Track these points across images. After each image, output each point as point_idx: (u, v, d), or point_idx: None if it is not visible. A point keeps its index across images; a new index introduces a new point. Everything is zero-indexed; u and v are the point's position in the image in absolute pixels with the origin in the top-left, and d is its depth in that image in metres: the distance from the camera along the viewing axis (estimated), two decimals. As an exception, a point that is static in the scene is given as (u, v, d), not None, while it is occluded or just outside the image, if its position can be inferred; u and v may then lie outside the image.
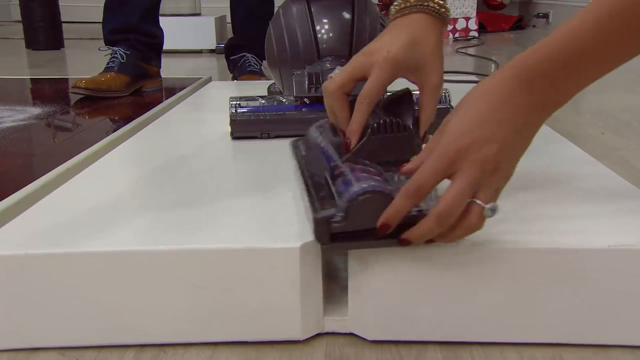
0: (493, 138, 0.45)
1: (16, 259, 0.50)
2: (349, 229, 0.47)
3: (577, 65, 0.45)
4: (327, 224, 0.47)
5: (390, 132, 0.54)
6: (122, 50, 1.52)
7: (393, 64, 0.56)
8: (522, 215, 0.55)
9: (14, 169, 0.93)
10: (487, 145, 0.45)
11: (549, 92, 0.46)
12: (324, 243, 0.48)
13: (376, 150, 0.54)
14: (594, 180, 0.66)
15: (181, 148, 0.82)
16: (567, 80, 0.46)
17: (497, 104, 0.46)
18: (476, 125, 0.46)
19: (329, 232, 0.47)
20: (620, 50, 0.45)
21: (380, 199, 0.47)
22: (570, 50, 0.45)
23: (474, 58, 2.35)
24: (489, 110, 0.46)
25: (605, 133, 1.19)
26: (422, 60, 0.57)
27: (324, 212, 0.48)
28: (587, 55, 0.45)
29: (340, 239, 0.48)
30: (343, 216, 0.47)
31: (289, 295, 0.51)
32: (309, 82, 0.85)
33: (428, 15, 0.58)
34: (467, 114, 0.47)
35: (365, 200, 0.47)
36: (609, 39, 0.45)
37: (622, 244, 0.49)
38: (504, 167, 0.47)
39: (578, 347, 0.51)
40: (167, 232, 0.54)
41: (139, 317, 0.51)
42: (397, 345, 0.52)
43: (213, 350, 0.52)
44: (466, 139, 0.45)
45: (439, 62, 0.58)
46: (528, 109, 0.46)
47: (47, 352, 0.52)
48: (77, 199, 0.63)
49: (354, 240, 0.48)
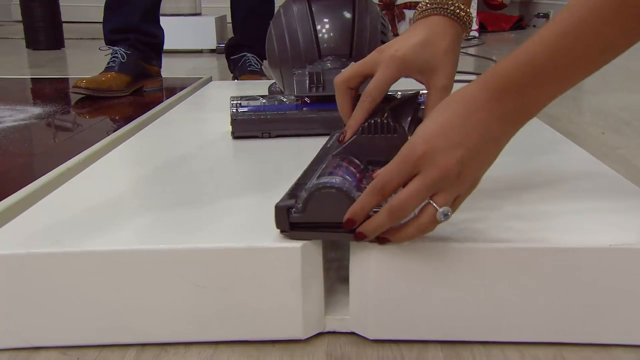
0: (461, 144, 0.45)
1: (17, 258, 0.50)
2: (306, 220, 0.49)
3: (542, 76, 0.45)
4: (287, 213, 0.49)
5: (381, 132, 0.54)
6: (123, 50, 1.52)
7: (399, 62, 0.56)
8: (523, 214, 0.55)
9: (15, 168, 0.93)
10: (453, 150, 0.45)
11: (518, 103, 0.46)
12: (283, 230, 0.50)
13: (365, 148, 0.55)
14: (595, 179, 0.66)
15: (182, 147, 0.82)
16: (535, 89, 0.46)
17: (467, 113, 0.46)
18: (445, 131, 0.46)
19: (288, 221, 0.50)
20: (581, 63, 0.45)
21: (338, 195, 0.48)
22: (535, 61, 0.45)
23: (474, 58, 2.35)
24: (459, 118, 0.46)
25: (606, 132, 1.19)
26: (432, 61, 0.57)
27: (285, 201, 0.50)
28: (550, 67, 0.45)
29: (301, 228, 0.50)
30: (301, 207, 0.49)
31: (290, 294, 0.51)
32: (310, 81, 0.85)
33: (447, 18, 0.58)
34: (437, 119, 0.47)
35: (323, 195, 0.48)
36: (566, 55, 0.44)
37: (623, 243, 0.49)
38: (468, 175, 0.47)
39: (580, 346, 0.51)
40: (168, 231, 0.54)
41: (140, 316, 0.51)
42: (399, 345, 0.52)
43: (214, 349, 0.52)
44: (433, 143, 0.45)
45: (450, 65, 0.58)
46: (498, 119, 0.46)
47: (48, 351, 0.52)
48: (78, 198, 0.63)
49: (314, 230, 0.50)
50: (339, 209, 0.48)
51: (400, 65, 0.56)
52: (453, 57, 0.58)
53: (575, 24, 0.43)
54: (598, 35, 0.43)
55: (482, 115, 0.46)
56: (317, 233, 0.50)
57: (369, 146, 0.55)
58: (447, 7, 0.57)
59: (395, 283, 0.50)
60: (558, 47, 0.44)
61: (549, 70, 0.44)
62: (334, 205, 0.48)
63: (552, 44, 0.44)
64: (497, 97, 0.46)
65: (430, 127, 0.47)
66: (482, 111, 0.46)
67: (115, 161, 0.79)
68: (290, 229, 0.50)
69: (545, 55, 0.44)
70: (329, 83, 0.85)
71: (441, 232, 0.51)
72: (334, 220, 0.49)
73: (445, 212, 0.46)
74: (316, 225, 0.49)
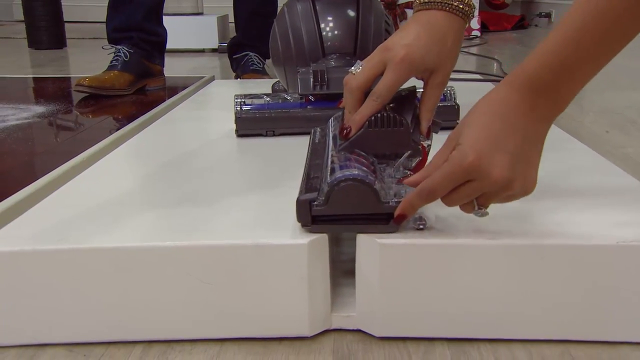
0: (506, 150, 0.47)
1: (24, 255, 0.50)
2: (328, 213, 0.50)
3: (571, 70, 0.46)
4: (308, 207, 0.50)
5: (387, 126, 0.55)
6: (126, 49, 1.52)
7: (408, 65, 0.56)
8: (530, 211, 0.55)
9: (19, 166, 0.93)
10: (501, 157, 0.46)
11: (550, 100, 0.48)
12: (305, 224, 0.51)
13: (372, 142, 0.55)
14: (601, 176, 0.66)
15: (186, 145, 0.82)
16: (564, 85, 0.47)
17: (505, 117, 0.47)
18: (490, 136, 0.47)
19: (310, 215, 0.50)
20: (605, 50, 0.46)
21: (360, 187, 0.49)
22: (562, 57, 0.46)
23: (476, 57, 2.35)
24: (499, 124, 0.47)
25: (610, 131, 1.19)
26: (437, 62, 0.57)
27: (307, 195, 0.51)
28: (576, 60, 0.46)
29: (322, 221, 0.50)
30: (324, 200, 0.49)
31: (296, 291, 0.51)
32: (314, 79, 0.85)
33: (450, 14, 0.58)
34: (478, 127, 0.48)
35: (346, 187, 0.49)
36: (589, 47, 0.45)
37: (631, 240, 0.49)
38: (518, 179, 0.47)
39: (587, 344, 0.51)
40: (174, 229, 0.54)
41: (146, 313, 0.51)
42: (405, 342, 0.52)
43: (220, 346, 0.52)
44: (482, 150, 0.46)
45: (451, 64, 0.59)
46: (533, 120, 0.48)
47: (54, 348, 0.52)
48: (84, 195, 0.63)
49: (335, 223, 0.50)
50: (361, 201, 0.49)
51: (410, 67, 0.57)
52: (453, 55, 0.59)
53: (594, 14, 0.45)
54: (617, 21, 0.44)
55: (519, 118, 0.47)
56: (340, 226, 0.50)
57: (375, 140, 0.55)
58: (451, 2, 0.57)
59: (402, 280, 0.50)
60: (582, 40, 0.45)
61: (576, 64, 0.46)
62: (357, 197, 0.49)
63: (575, 37, 0.45)
64: (530, 98, 0.47)
65: (475, 136, 0.47)
66: (518, 114, 0.47)
67: (119, 159, 0.79)
68: (312, 223, 0.50)
69: (571, 50, 0.45)
70: (333, 81, 0.85)
71: (447, 229, 0.51)
72: (356, 212, 0.49)
73: (483, 213, 0.49)
74: (338, 218, 0.50)
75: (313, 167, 0.57)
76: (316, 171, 0.56)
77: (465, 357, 0.50)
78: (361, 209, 0.49)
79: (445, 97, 0.89)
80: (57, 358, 0.50)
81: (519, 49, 2.74)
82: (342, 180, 0.49)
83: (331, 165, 0.53)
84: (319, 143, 0.65)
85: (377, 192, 0.48)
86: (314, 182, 0.53)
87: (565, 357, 0.49)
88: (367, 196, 0.48)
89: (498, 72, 1.91)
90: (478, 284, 0.50)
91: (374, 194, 0.48)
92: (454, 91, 0.89)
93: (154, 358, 0.50)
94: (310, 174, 0.55)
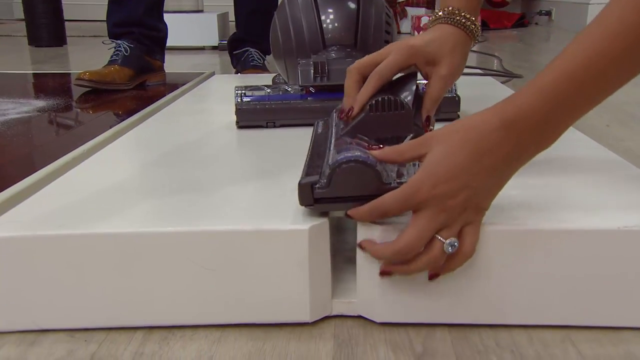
0: (468, 185, 0.46)
1: (24, 241, 0.50)
2: (331, 195, 0.49)
3: (564, 111, 0.45)
4: (310, 190, 0.50)
5: (388, 109, 0.55)
6: (126, 44, 1.52)
7: (409, 49, 0.59)
8: (531, 198, 0.55)
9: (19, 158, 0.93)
10: (459, 192, 0.46)
11: (536, 139, 0.46)
12: (308, 205, 0.50)
13: (374, 126, 0.55)
14: (601, 164, 0.66)
15: (187, 136, 0.82)
16: (555, 125, 0.46)
17: (481, 154, 0.45)
18: (454, 174, 0.45)
19: (312, 198, 0.50)
20: (600, 95, 0.45)
21: (362, 169, 0.48)
22: (560, 96, 0.44)
23: (477, 54, 2.35)
24: (471, 160, 0.45)
25: (611, 125, 1.19)
26: (438, 53, 0.60)
27: (308, 177, 0.50)
28: (573, 101, 0.45)
29: (324, 202, 0.50)
30: (326, 183, 0.49)
31: (297, 277, 0.51)
32: (315, 71, 0.85)
33: (454, 27, 0.61)
34: (448, 159, 0.46)
35: (348, 169, 0.48)
36: (589, 89, 0.44)
37: (633, 225, 0.49)
38: (474, 207, 0.47)
39: (588, 329, 0.51)
40: (175, 215, 0.54)
41: (147, 299, 0.51)
42: (406, 328, 0.52)
43: (221, 332, 0.52)
44: (439, 188, 0.45)
45: (453, 60, 0.61)
46: (512, 158, 0.46)
47: (55, 333, 0.52)
48: (85, 183, 0.63)
49: (338, 203, 0.50)
50: (363, 182, 0.48)
51: (410, 51, 0.59)
52: (458, 55, 0.61)
53: (595, 52, 0.43)
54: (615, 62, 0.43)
55: (495, 157, 0.46)
56: (342, 204, 0.50)
57: (377, 124, 0.55)
58: (455, 17, 0.62)
59: (403, 266, 0.50)
60: (582, 80, 0.44)
61: (571, 101, 0.45)
62: (358, 179, 0.48)
63: (577, 78, 0.44)
64: (515, 135, 0.45)
65: (439, 170, 0.46)
66: (496, 152, 0.45)
67: (120, 149, 0.79)
68: (314, 203, 0.50)
69: (572, 90, 0.44)
70: (333, 73, 0.85)
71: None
72: (358, 193, 0.49)
73: (452, 243, 0.47)
74: (340, 200, 0.50)
75: (315, 154, 0.57)
76: (318, 158, 0.56)
77: (466, 342, 0.50)
78: (363, 190, 0.49)
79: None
80: (58, 344, 0.50)
81: (519, 46, 2.74)
82: (343, 162, 0.49)
83: (333, 150, 0.53)
84: (321, 134, 0.65)
85: (379, 173, 0.48)
86: (316, 167, 0.53)
87: (567, 342, 0.49)
88: (369, 177, 0.48)
89: (499, 68, 1.91)
90: (478, 270, 0.50)
91: (375, 175, 0.48)
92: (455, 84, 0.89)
93: (154, 344, 0.50)
94: (313, 160, 0.55)
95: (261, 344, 0.50)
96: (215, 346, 0.50)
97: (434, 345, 0.49)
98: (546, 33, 3.41)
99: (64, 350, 0.50)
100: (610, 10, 0.44)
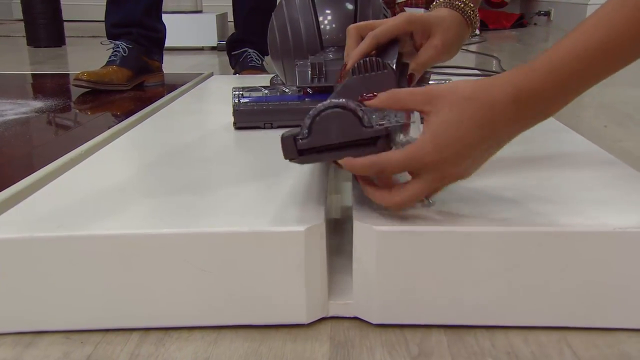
0: (471, 155, 0.47)
1: (21, 242, 0.50)
2: (313, 145, 0.49)
3: (572, 88, 0.46)
4: (293, 142, 0.49)
5: (371, 70, 0.55)
6: (124, 44, 1.52)
7: (409, 17, 0.62)
8: (527, 199, 0.55)
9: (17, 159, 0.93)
10: (463, 161, 0.47)
11: (542, 113, 0.47)
12: (292, 158, 0.50)
13: (358, 89, 0.54)
14: (597, 165, 0.66)
15: (184, 137, 0.82)
16: (561, 99, 0.47)
17: (490, 129, 0.46)
18: (463, 143, 0.46)
19: (296, 150, 0.49)
20: (608, 70, 0.46)
21: (341, 113, 0.48)
22: (574, 76, 0.46)
23: (475, 55, 2.35)
24: (480, 134, 0.46)
25: (608, 125, 1.19)
26: (434, 25, 0.62)
27: (290, 131, 0.50)
28: (579, 79, 0.46)
29: (307, 153, 0.50)
30: (307, 132, 0.48)
31: (293, 279, 0.51)
32: (312, 72, 0.85)
33: (453, 11, 0.64)
34: (457, 127, 0.46)
35: (327, 115, 0.48)
36: (596, 70, 0.46)
37: (628, 226, 0.49)
38: (463, 174, 0.49)
39: (584, 331, 0.51)
40: (171, 216, 0.54)
41: (143, 300, 0.51)
42: (402, 329, 0.52)
43: (217, 333, 0.52)
44: (443, 154, 0.46)
45: (447, 34, 0.62)
46: (515, 131, 0.48)
47: (52, 335, 0.52)
48: (82, 184, 0.63)
49: (323, 153, 0.49)
50: (346, 128, 0.48)
51: (409, 19, 0.61)
52: (453, 34, 0.63)
53: (609, 41, 0.44)
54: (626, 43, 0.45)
55: (502, 132, 0.47)
56: (327, 154, 0.49)
57: (361, 86, 0.54)
58: (455, 1, 0.64)
59: (399, 267, 0.50)
60: (595, 61, 0.45)
61: (578, 81, 0.46)
62: (340, 124, 0.48)
63: (589, 57, 0.45)
64: (524, 112, 0.47)
65: (447, 137, 0.46)
66: (503, 128, 0.47)
67: (117, 150, 0.79)
68: (298, 156, 0.50)
69: (585, 69, 0.45)
70: (331, 74, 0.85)
71: (444, 216, 0.51)
72: (342, 139, 0.48)
73: (432, 202, 0.50)
74: (324, 149, 0.49)
75: None
76: None
77: (462, 344, 0.50)
78: (345, 136, 0.48)
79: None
80: (54, 345, 0.50)
81: (518, 47, 2.74)
82: (322, 109, 0.48)
83: None
84: None
85: (360, 117, 0.48)
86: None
87: (562, 343, 0.50)
88: (350, 121, 0.48)
89: (497, 69, 1.91)
90: (475, 271, 0.50)
91: (356, 117, 0.47)
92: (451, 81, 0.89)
93: (151, 345, 0.50)
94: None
95: (257, 346, 0.50)
96: (212, 347, 0.50)
97: (430, 346, 0.50)
98: (545, 33, 3.41)
99: (59, 352, 0.50)
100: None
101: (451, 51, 0.64)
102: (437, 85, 0.48)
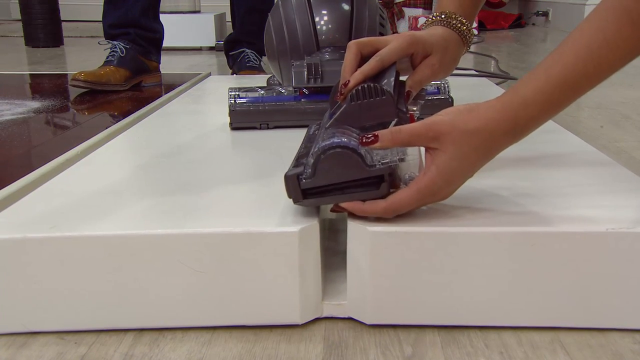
0: (467, 176, 0.51)
1: (15, 243, 0.50)
2: (317, 184, 0.49)
3: (555, 106, 0.49)
4: (297, 181, 0.49)
5: (369, 97, 0.55)
6: (122, 45, 1.52)
7: (411, 37, 0.62)
8: (520, 200, 0.55)
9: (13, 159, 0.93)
10: (459, 185, 0.51)
11: (533, 130, 0.50)
12: (296, 200, 0.50)
13: (357, 115, 0.55)
14: (592, 166, 0.66)
15: (180, 138, 0.82)
16: (553, 115, 0.50)
17: (489, 155, 0.50)
18: (466, 173, 0.50)
19: (299, 189, 0.50)
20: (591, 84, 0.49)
21: (344, 153, 0.49)
22: (561, 98, 0.48)
23: (473, 55, 2.35)
24: (480, 161, 0.50)
25: (604, 126, 1.19)
26: (434, 45, 0.63)
27: (294, 169, 0.50)
28: (562, 96, 0.48)
29: (313, 194, 0.50)
30: (311, 172, 0.49)
31: (287, 279, 0.51)
32: (308, 72, 0.85)
33: (447, 28, 0.65)
34: (463, 161, 0.49)
35: (331, 155, 0.49)
36: (577, 87, 0.48)
37: (620, 227, 0.49)
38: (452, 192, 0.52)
39: (577, 331, 0.51)
40: (165, 217, 0.54)
41: (137, 301, 0.51)
42: (396, 330, 0.52)
43: (211, 334, 0.52)
44: (454, 185, 0.51)
45: (444, 57, 0.63)
46: (508, 146, 0.51)
47: (45, 336, 0.52)
48: (76, 185, 0.63)
49: (326, 195, 0.50)
50: (347, 167, 0.48)
51: (411, 40, 0.61)
52: (449, 55, 0.64)
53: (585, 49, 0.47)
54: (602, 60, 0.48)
55: (496, 153, 0.50)
56: (332, 197, 0.50)
57: (359, 112, 0.55)
58: (451, 20, 0.65)
59: (393, 268, 0.50)
60: (584, 84, 0.48)
61: (569, 102, 0.49)
62: (342, 164, 0.48)
63: (578, 83, 0.48)
64: (519, 136, 0.50)
65: (455, 173, 0.50)
66: (499, 150, 0.50)
67: (113, 150, 0.79)
68: (302, 197, 0.50)
69: (573, 94, 0.48)
70: (327, 74, 0.85)
71: (438, 217, 0.51)
72: (345, 179, 0.49)
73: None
74: (328, 189, 0.50)
75: (303, 151, 0.58)
76: (306, 155, 0.56)
77: (456, 344, 0.50)
78: (348, 175, 0.49)
79: (439, 90, 0.89)
80: (47, 346, 0.50)
81: (516, 47, 2.74)
82: (326, 149, 0.48)
83: (317, 141, 0.53)
84: (312, 134, 0.65)
85: (362, 156, 0.48)
86: (301, 160, 0.53)
87: (555, 343, 0.50)
88: (353, 161, 0.48)
89: (495, 69, 1.91)
90: (468, 271, 0.50)
91: (359, 157, 0.48)
92: (448, 84, 0.89)
93: (145, 346, 0.50)
94: (300, 157, 0.55)
95: (251, 346, 0.50)
96: (206, 348, 0.50)
97: (424, 347, 0.50)
98: (543, 34, 3.41)
99: (53, 352, 0.50)
100: (605, 20, 0.47)
101: (447, 70, 0.65)
102: (435, 121, 0.49)
